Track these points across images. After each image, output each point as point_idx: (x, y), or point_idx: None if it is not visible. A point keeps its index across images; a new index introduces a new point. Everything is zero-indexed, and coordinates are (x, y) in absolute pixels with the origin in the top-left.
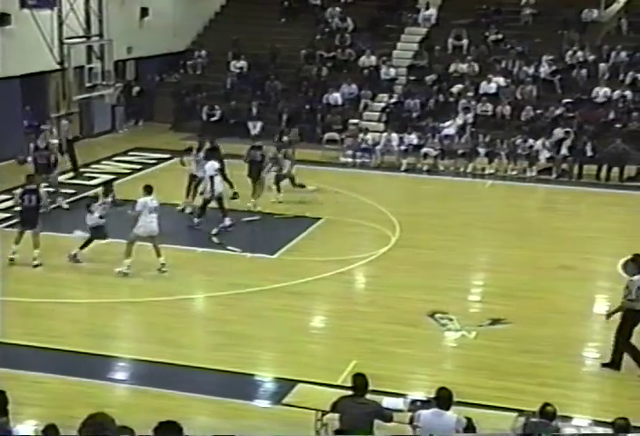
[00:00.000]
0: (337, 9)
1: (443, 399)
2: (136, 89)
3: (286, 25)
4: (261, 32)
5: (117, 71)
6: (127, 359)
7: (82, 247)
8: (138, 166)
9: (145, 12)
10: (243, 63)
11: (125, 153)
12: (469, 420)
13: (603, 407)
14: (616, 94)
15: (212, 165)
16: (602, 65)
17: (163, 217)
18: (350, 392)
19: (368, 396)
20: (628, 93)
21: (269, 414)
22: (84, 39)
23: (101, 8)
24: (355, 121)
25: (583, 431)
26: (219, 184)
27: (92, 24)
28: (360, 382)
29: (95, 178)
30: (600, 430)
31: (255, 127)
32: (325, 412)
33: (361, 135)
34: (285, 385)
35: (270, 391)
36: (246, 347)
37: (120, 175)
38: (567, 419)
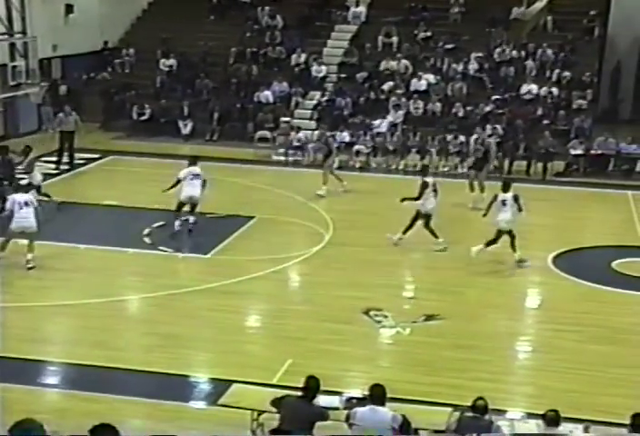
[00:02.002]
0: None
1: (376, 395)
2: (63, 88)
3: (215, 23)
4: (190, 30)
5: (42, 69)
6: (59, 363)
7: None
8: (66, 167)
9: (69, 9)
10: (172, 61)
11: (52, 154)
12: (404, 416)
13: (535, 400)
14: (543, 90)
15: (189, 171)
16: (529, 63)
17: (91, 218)
18: (296, 393)
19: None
20: (555, 90)
21: (205, 415)
22: (6, 36)
23: (23, 5)
24: (287, 119)
25: (515, 424)
26: (191, 189)
27: (14, 21)
28: (313, 385)
29: (22, 179)
30: (532, 422)
31: (186, 126)
32: (261, 412)
33: (293, 133)
34: (221, 386)
35: (205, 392)
36: (181, 348)
37: (48, 176)
38: (501, 412)
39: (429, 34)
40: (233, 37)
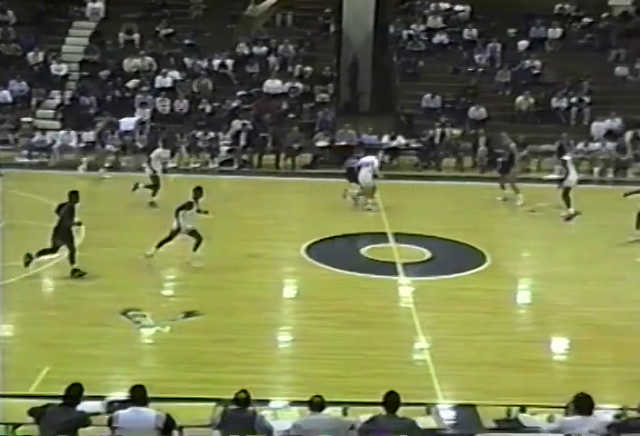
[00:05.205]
0: None
1: (138, 396)
2: None
3: None
4: None
5: None
6: None
7: None
8: None
9: None
10: None
11: None
12: (168, 415)
13: (296, 387)
14: (287, 86)
15: None
16: (272, 58)
17: None
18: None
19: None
20: (298, 84)
21: None
22: None
23: None
24: (29, 119)
25: (279, 412)
26: None
27: None
28: (74, 391)
29: None
30: (295, 409)
31: None
32: (17, 425)
33: (37, 135)
34: None
35: None
36: None
37: None
38: (264, 402)
39: (171, 30)
40: None
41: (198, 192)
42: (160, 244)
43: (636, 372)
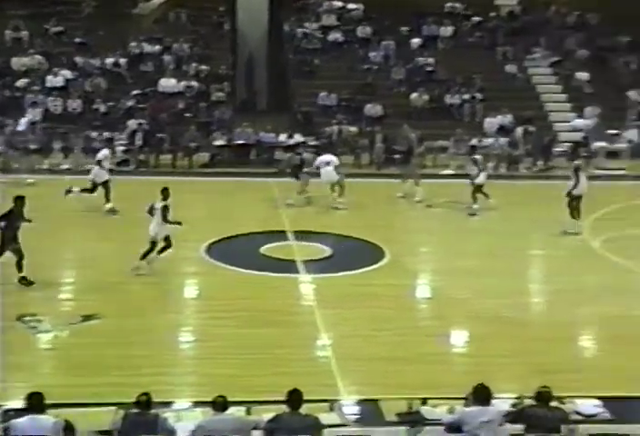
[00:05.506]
0: None
1: (35, 403)
2: None
3: None
4: None
5: None
6: None
7: None
8: None
9: None
10: None
11: None
12: (67, 421)
13: (199, 388)
14: (183, 85)
15: None
16: (166, 57)
17: None
18: None
19: None
20: (194, 83)
21: None
22: None
23: None
24: None
25: (182, 414)
26: None
27: None
28: None
29: None
30: (198, 410)
31: None
32: None
33: None
34: None
35: None
36: None
37: None
38: (167, 404)
39: (61, 28)
40: None
41: (166, 192)
42: (162, 251)
43: (533, 362)
